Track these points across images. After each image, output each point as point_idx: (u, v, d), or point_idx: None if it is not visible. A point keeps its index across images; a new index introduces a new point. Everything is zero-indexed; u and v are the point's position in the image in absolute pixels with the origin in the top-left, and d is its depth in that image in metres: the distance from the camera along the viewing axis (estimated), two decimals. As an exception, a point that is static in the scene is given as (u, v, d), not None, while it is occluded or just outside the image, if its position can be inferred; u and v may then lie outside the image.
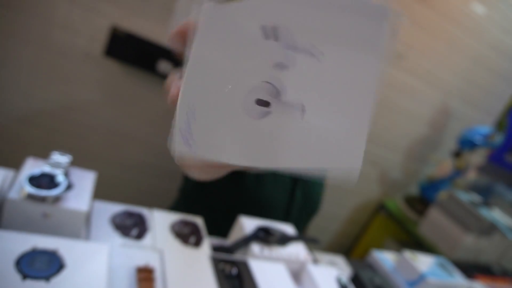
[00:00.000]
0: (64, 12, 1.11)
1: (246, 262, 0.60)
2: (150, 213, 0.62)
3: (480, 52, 1.61)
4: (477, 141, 1.49)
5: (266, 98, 0.28)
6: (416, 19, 1.45)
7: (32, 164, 0.52)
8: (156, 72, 1.21)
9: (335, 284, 0.66)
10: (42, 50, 1.14)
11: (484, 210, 1.36)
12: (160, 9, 1.17)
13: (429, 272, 0.79)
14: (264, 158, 0.28)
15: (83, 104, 1.24)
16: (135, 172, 1.39)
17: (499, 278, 1.30)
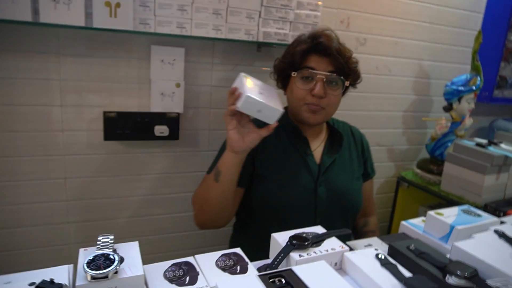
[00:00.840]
0: (59, 116, 1.22)
1: (291, 269, 0.66)
2: (193, 259, 0.69)
3: (434, 10, 1.71)
4: (461, 90, 1.56)
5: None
6: (367, 5, 1.56)
7: (84, 253, 0.60)
8: (154, 137, 1.31)
9: (376, 261, 0.71)
10: (46, 154, 1.24)
11: (492, 148, 1.42)
12: (139, 87, 1.29)
13: (457, 221, 0.84)
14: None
15: (94, 185, 1.33)
16: (161, 228, 1.47)
17: (532, 205, 1.34)
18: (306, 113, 1.07)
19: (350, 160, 1.19)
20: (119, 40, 1.22)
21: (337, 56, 1.03)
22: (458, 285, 0.64)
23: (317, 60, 1.04)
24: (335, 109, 1.11)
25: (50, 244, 1.32)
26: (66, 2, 1.01)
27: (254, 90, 0.94)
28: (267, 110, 0.94)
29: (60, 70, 1.19)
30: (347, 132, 1.23)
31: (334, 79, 1.05)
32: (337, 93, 1.06)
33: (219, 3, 1.20)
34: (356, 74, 1.12)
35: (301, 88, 1.05)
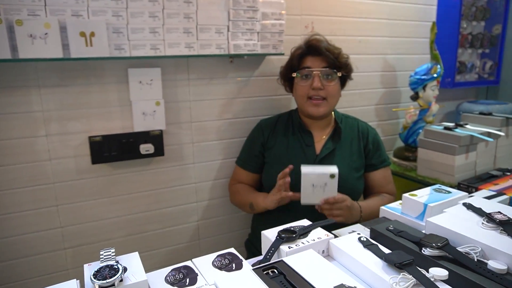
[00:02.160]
0: (45, 146, 1.26)
1: (282, 260, 0.72)
2: (191, 263, 0.74)
3: (391, 7, 1.82)
4: (424, 78, 1.66)
5: None
6: (328, 8, 1.65)
7: (89, 267, 0.65)
8: (140, 155, 1.35)
9: (359, 244, 0.78)
10: (35, 184, 1.27)
11: (459, 130, 1.51)
12: (121, 109, 1.33)
13: (430, 199, 0.91)
14: None
15: (83, 210, 1.37)
16: (154, 239, 1.51)
17: (501, 179, 1.44)
18: (310, 107, 1.29)
19: (350, 151, 1.35)
20: (97, 67, 1.27)
21: (327, 53, 1.27)
22: (432, 255, 0.71)
23: (312, 60, 1.29)
24: (336, 99, 1.33)
25: (48, 272, 1.34)
26: (43, 37, 1.06)
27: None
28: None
29: (42, 101, 1.23)
30: (353, 127, 1.40)
31: (328, 73, 1.27)
32: (333, 83, 1.29)
33: (188, 22, 1.26)
34: (348, 67, 1.34)
35: (302, 85, 1.29)
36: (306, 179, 1.13)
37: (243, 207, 1.41)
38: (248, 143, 1.45)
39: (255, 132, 1.44)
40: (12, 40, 1.05)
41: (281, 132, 1.37)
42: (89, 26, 1.11)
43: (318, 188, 1.14)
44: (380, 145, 1.42)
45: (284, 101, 1.64)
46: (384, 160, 1.42)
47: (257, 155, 1.39)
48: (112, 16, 1.16)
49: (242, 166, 1.43)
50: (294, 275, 0.67)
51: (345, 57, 1.34)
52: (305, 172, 1.13)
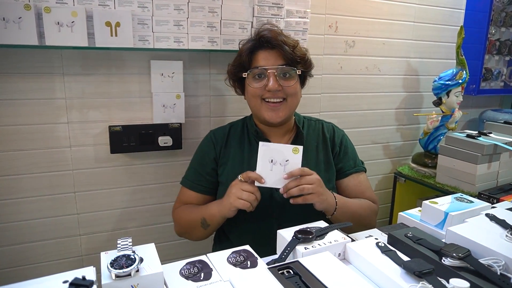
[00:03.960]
0: (66, 133, 1.28)
1: (298, 261, 0.71)
2: (206, 257, 0.74)
3: (418, 9, 1.78)
4: (448, 84, 1.62)
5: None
6: (353, 9, 1.63)
7: (106, 256, 0.65)
8: (159, 148, 1.36)
9: (376, 249, 0.76)
10: (55, 170, 1.29)
11: (482, 138, 1.47)
12: (141, 101, 1.34)
13: (451, 208, 0.89)
14: None
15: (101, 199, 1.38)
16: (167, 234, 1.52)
17: (524, 190, 1.40)
18: (267, 112, 1.06)
19: (316, 160, 1.15)
20: (120, 57, 1.28)
21: (284, 46, 1.03)
22: (453, 265, 0.69)
23: (265, 56, 1.05)
24: (296, 101, 1.10)
25: (63, 257, 1.37)
26: (69, 25, 1.07)
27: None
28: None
29: (65, 89, 1.24)
30: (317, 131, 1.19)
31: (286, 70, 1.05)
32: (292, 83, 1.06)
33: (213, 17, 1.26)
34: (306, 62, 1.10)
35: (256, 87, 1.05)
36: (264, 152, 0.95)
37: (194, 229, 1.09)
38: (198, 159, 1.17)
39: (205, 145, 1.17)
40: (39, 27, 1.06)
41: (235, 144, 1.14)
42: (115, 16, 1.11)
43: (277, 166, 0.95)
44: (348, 147, 1.20)
45: (306, 100, 1.62)
46: (355, 164, 1.20)
47: (209, 172, 1.13)
48: (138, 7, 1.16)
49: (190, 187, 1.14)
50: (309, 276, 0.66)
51: (304, 50, 1.10)
52: (263, 144, 0.96)
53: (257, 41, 1.06)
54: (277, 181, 0.97)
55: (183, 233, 1.16)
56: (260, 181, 0.97)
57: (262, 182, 0.97)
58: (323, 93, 1.68)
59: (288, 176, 0.96)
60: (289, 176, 0.96)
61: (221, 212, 1.01)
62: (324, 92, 1.68)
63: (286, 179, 0.96)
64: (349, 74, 1.71)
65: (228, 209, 0.98)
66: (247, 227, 1.10)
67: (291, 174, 0.96)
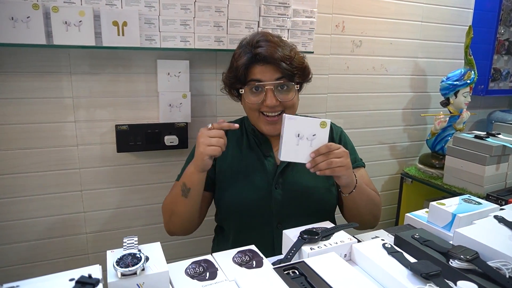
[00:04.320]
0: (73, 132, 1.28)
1: (304, 261, 0.70)
2: (211, 256, 0.74)
3: (425, 9, 1.77)
4: (456, 84, 1.61)
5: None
6: (360, 8, 1.62)
7: (112, 254, 0.65)
8: (165, 147, 1.36)
9: (383, 250, 0.76)
10: (62, 168, 1.30)
11: (491, 139, 1.46)
12: (147, 100, 1.35)
13: (459, 210, 0.88)
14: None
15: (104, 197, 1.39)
16: (179, 239, 1.52)
17: (533, 192, 1.38)
18: (265, 126, 1.05)
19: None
20: (127, 56, 1.29)
21: (280, 63, 0.99)
22: (460, 268, 0.68)
23: (261, 70, 1.01)
24: (294, 111, 1.08)
25: (69, 255, 1.37)
26: (77, 24, 1.07)
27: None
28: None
29: (72, 88, 1.25)
30: None
31: (284, 84, 1.02)
32: (290, 97, 1.03)
33: (219, 16, 1.26)
34: (304, 71, 1.07)
35: (253, 102, 1.03)
36: (290, 126, 0.90)
37: (176, 205, 1.05)
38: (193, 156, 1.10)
39: None
40: (47, 26, 1.07)
41: (233, 143, 1.12)
42: (122, 16, 1.12)
43: (304, 140, 0.92)
44: (347, 143, 1.19)
45: (312, 100, 1.62)
46: (355, 160, 1.17)
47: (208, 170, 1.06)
48: (145, 7, 1.17)
49: None
50: (315, 277, 0.66)
51: (301, 57, 1.06)
52: (290, 117, 0.91)
53: (252, 56, 1.01)
54: (303, 156, 0.93)
55: (168, 220, 1.09)
56: (233, 127, 0.97)
57: (235, 127, 0.97)
58: (330, 93, 1.67)
59: (316, 154, 0.92)
60: (317, 153, 0.92)
61: (196, 166, 0.96)
62: (331, 92, 1.67)
63: (313, 155, 0.93)
64: (355, 74, 1.70)
65: (201, 159, 0.94)
66: (246, 226, 1.09)
67: (319, 152, 0.92)
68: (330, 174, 0.94)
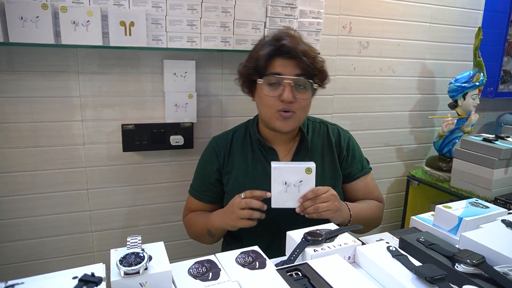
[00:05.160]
0: (80, 131, 1.29)
1: (307, 263, 0.70)
2: (215, 257, 0.74)
3: (434, 10, 1.75)
4: (465, 86, 1.59)
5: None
6: (368, 9, 1.61)
7: (115, 253, 0.65)
8: (170, 147, 1.37)
9: (387, 253, 0.75)
10: (69, 167, 1.31)
11: (500, 142, 1.44)
12: (153, 100, 1.36)
13: (465, 213, 0.87)
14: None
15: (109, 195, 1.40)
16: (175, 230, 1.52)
17: (542, 197, 1.36)
18: (278, 121, 1.04)
19: (321, 165, 1.13)
20: (134, 56, 1.29)
21: (303, 58, 1.00)
22: (466, 272, 0.67)
23: (282, 64, 1.01)
24: (306, 113, 1.09)
25: (75, 252, 1.39)
26: (85, 24, 1.08)
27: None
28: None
29: (80, 87, 1.26)
30: (322, 134, 1.17)
31: (302, 83, 1.02)
32: (306, 96, 1.04)
33: (226, 17, 1.26)
34: (323, 74, 1.08)
35: (270, 95, 1.02)
36: (278, 175, 0.94)
37: (202, 238, 1.14)
38: (201, 169, 1.17)
39: (208, 154, 1.16)
40: (56, 26, 1.08)
41: (238, 153, 1.12)
42: (129, 16, 1.13)
43: (291, 187, 0.96)
44: (355, 149, 1.19)
45: (318, 101, 1.61)
46: (363, 167, 1.19)
47: (213, 183, 1.13)
48: (152, 7, 1.17)
49: (196, 197, 1.16)
50: (318, 279, 0.65)
51: (321, 61, 1.07)
52: (276, 167, 0.94)
53: (276, 48, 1.01)
54: (292, 201, 0.98)
55: (195, 239, 1.20)
56: (265, 195, 0.98)
57: (268, 195, 0.97)
58: (336, 94, 1.66)
59: (303, 199, 0.97)
60: (304, 199, 0.96)
61: (225, 226, 1.04)
62: (337, 93, 1.66)
63: (301, 200, 0.97)
64: (362, 76, 1.69)
65: (232, 226, 1.01)
66: (255, 233, 1.08)
67: (306, 197, 0.96)
68: (318, 217, 0.97)
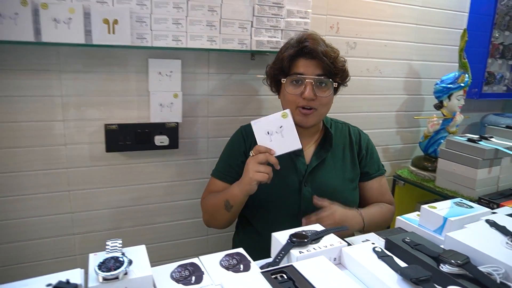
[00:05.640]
0: (61, 131, 1.26)
1: (292, 265, 0.69)
2: (198, 260, 0.73)
3: (420, 11, 1.76)
4: (450, 87, 1.61)
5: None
6: (355, 10, 1.61)
7: (95, 257, 0.63)
8: (155, 147, 1.34)
9: (373, 254, 0.74)
10: (50, 168, 1.28)
11: (484, 142, 1.45)
12: (138, 99, 1.33)
13: (450, 213, 0.87)
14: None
15: (94, 197, 1.37)
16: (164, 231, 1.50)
17: (525, 196, 1.38)
18: (298, 116, 1.11)
19: (343, 161, 1.21)
20: (117, 55, 1.27)
21: (324, 58, 1.07)
22: (451, 273, 0.67)
23: (305, 64, 1.09)
24: (327, 109, 1.15)
25: (56, 256, 1.35)
26: (66, 22, 1.05)
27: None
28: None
29: (61, 86, 1.23)
30: (344, 133, 1.26)
31: (323, 81, 1.10)
32: (327, 94, 1.11)
33: (212, 16, 1.25)
34: (344, 73, 1.15)
35: (292, 93, 1.10)
36: (259, 128, 1.02)
37: (218, 213, 1.14)
38: (228, 151, 1.25)
39: (235, 139, 1.24)
40: (36, 23, 1.05)
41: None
42: (113, 13, 1.10)
43: (275, 135, 1.02)
44: (374, 151, 1.29)
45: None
46: (378, 168, 1.28)
47: (239, 164, 1.18)
48: (136, 5, 1.15)
49: (219, 177, 1.20)
50: (303, 282, 0.64)
51: (342, 61, 1.15)
52: (255, 122, 1.02)
53: (299, 49, 1.09)
54: (281, 147, 1.02)
55: (209, 220, 1.20)
56: (270, 151, 1.02)
57: (273, 152, 1.02)
58: (323, 95, 1.66)
59: (307, 223, 1.02)
60: (308, 222, 1.02)
61: (243, 190, 1.05)
62: (324, 93, 1.66)
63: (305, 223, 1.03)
64: (349, 76, 1.68)
65: (249, 184, 1.02)
66: (275, 220, 1.16)
67: (309, 222, 1.02)
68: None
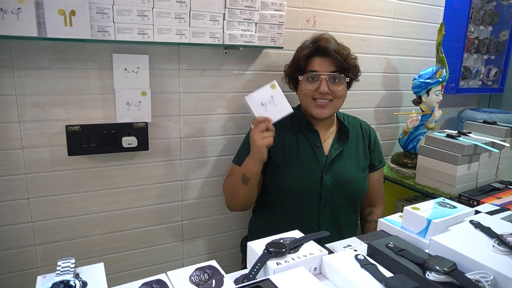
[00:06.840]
0: (17, 133, 1.15)
1: (269, 279, 0.63)
2: (166, 276, 0.65)
3: (397, 5, 1.73)
4: (428, 82, 1.58)
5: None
6: (332, 3, 1.56)
7: (43, 281, 0.55)
8: (122, 149, 1.25)
9: (355, 263, 0.69)
10: (6, 174, 1.17)
11: (462, 138, 1.44)
12: (103, 98, 1.23)
13: (433, 215, 0.83)
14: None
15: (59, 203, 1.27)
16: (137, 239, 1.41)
17: (504, 192, 1.37)
18: (314, 108, 1.23)
19: (356, 152, 1.32)
20: (78, 50, 1.17)
21: (336, 56, 1.19)
22: (438, 281, 0.63)
23: (319, 62, 1.21)
24: (341, 102, 1.27)
25: (17, 269, 1.25)
26: (15, 12, 0.95)
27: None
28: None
29: (15, 84, 1.12)
30: (356, 126, 1.37)
31: (336, 77, 1.21)
32: (341, 88, 1.23)
33: (181, 7, 1.16)
34: (355, 69, 1.28)
35: (308, 89, 1.22)
36: (252, 101, 1.14)
37: (237, 188, 1.20)
38: (247, 139, 1.29)
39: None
40: (-20, 14, 0.94)
41: (288, 130, 1.29)
42: (69, 4, 1.00)
43: (268, 105, 1.15)
44: (379, 145, 1.43)
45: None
46: (381, 160, 1.43)
47: None
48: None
49: (239, 163, 1.25)
50: (281, 297, 0.59)
51: (354, 58, 1.26)
52: (248, 97, 1.14)
53: (314, 49, 1.22)
54: (276, 114, 1.15)
55: (231, 200, 1.27)
56: (268, 119, 1.12)
57: (271, 120, 1.13)
58: (301, 91, 1.61)
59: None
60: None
61: (256, 159, 1.12)
62: (302, 89, 1.61)
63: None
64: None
65: (260, 151, 1.10)
66: (296, 205, 1.24)
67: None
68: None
